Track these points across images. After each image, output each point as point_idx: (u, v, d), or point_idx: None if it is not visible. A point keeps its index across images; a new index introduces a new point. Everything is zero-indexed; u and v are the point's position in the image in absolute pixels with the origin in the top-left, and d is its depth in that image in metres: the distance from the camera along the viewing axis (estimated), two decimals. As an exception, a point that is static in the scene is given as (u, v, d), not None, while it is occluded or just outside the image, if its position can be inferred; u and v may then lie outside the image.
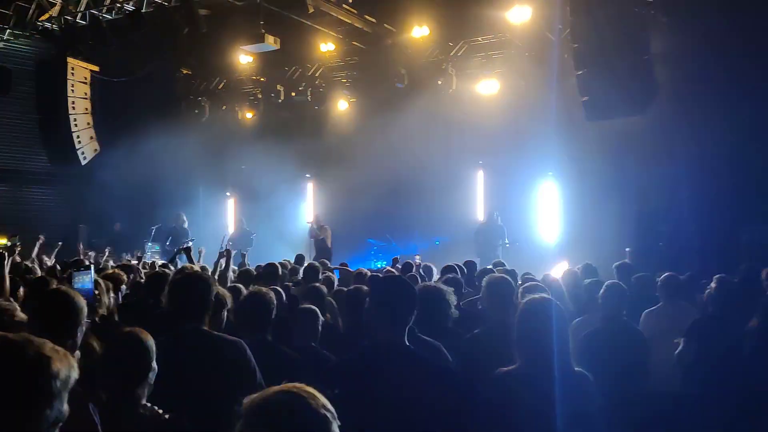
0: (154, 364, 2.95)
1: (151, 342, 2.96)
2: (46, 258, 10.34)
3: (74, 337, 3.03)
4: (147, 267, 9.46)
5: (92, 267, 4.83)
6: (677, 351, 5.16)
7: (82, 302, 3.12)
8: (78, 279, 4.42)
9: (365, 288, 5.02)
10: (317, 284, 6.15)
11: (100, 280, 5.06)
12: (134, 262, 10.23)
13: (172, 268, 7.78)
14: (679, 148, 12.58)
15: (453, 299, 4.58)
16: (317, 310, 4.73)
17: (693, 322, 5.25)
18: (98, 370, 3.00)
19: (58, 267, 8.05)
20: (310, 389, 1.71)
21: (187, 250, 7.85)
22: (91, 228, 17.66)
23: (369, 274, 7.37)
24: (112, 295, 5.10)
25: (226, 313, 4.23)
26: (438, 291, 4.53)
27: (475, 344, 4.36)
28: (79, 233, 16.62)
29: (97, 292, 4.65)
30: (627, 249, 11.80)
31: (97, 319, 4.36)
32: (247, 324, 4.22)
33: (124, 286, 5.62)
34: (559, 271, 11.81)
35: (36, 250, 10.04)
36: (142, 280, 6.58)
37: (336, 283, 7.35)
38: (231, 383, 3.36)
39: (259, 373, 3.52)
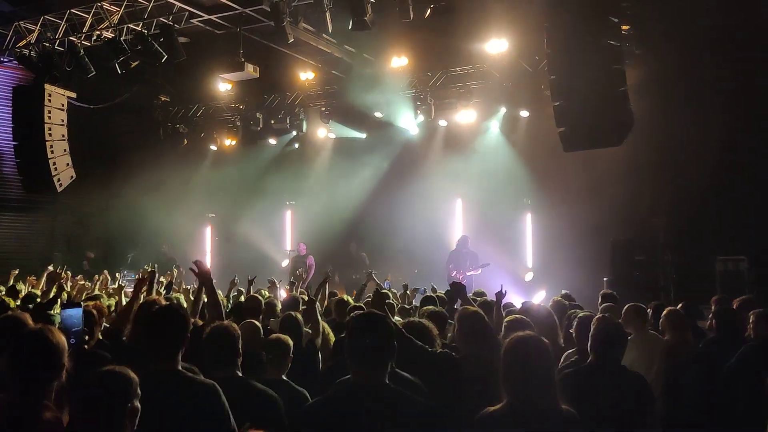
0: (137, 404, 2.86)
1: (132, 381, 2.89)
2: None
3: (60, 378, 2.95)
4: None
5: (81, 304, 4.60)
6: None
7: (63, 343, 3.02)
8: (66, 316, 4.22)
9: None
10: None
11: (93, 311, 4.98)
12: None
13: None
14: (654, 178, 12.79)
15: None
16: (288, 341, 4.54)
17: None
18: (77, 407, 2.93)
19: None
20: None
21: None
22: (66, 256, 17.41)
23: (352, 303, 7.09)
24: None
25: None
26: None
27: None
28: (54, 261, 16.36)
29: (86, 329, 4.50)
30: (605, 279, 11.90)
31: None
32: (213, 360, 4.01)
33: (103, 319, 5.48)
34: (537, 299, 11.92)
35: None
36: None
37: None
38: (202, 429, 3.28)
39: (232, 420, 3.38)
